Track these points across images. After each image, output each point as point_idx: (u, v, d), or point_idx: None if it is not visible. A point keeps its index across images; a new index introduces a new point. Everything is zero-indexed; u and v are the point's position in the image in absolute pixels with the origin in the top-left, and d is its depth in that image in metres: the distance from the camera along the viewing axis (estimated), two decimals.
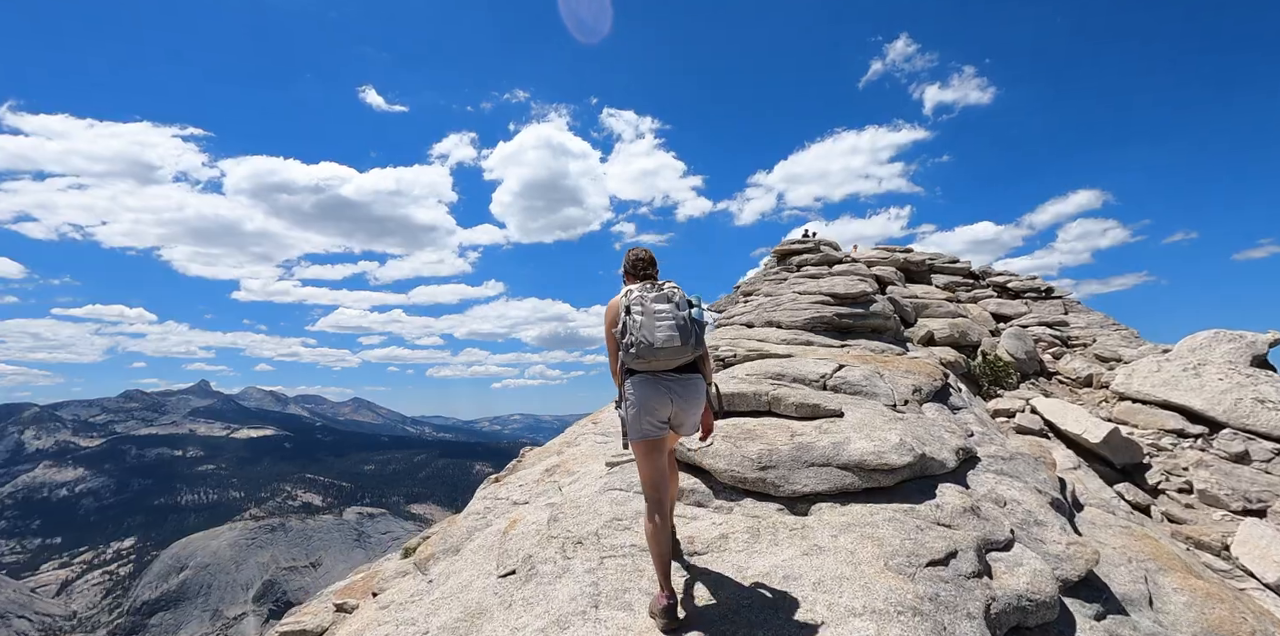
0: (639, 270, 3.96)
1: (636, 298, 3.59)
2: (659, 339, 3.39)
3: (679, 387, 3.59)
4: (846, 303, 13.86)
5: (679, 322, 3.45)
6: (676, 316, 3.48)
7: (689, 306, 3.58)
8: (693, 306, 3.59)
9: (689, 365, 3.66)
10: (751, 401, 6.39)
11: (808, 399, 6.23)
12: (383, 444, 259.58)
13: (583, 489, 5.82)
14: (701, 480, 5.45)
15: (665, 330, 3.42)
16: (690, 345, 3.47)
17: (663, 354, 3.42)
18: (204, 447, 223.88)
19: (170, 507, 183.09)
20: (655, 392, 3.56)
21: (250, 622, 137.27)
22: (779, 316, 13.70)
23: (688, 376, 3.64)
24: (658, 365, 3.49)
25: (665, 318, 3.46)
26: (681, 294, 3.65)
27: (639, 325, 3.47)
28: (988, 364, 13.89)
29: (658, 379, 3.57)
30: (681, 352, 3.45)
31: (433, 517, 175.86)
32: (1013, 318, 19.55)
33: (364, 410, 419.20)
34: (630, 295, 3.63)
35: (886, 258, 22.43)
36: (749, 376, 7.95)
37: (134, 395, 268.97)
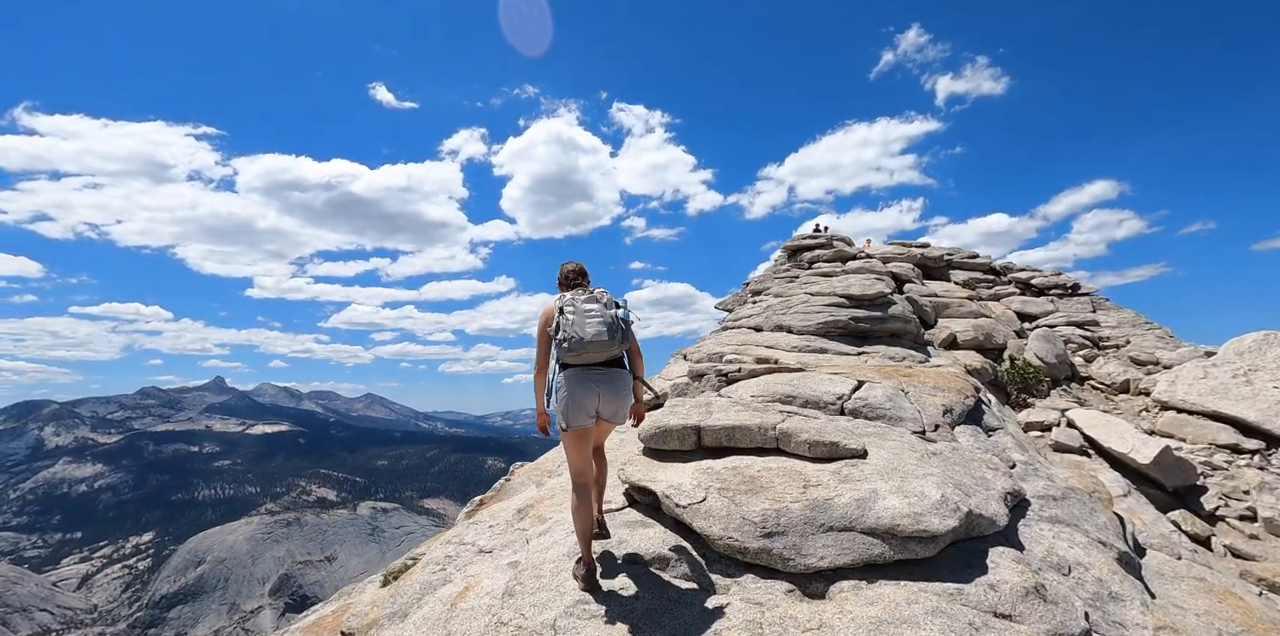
0: (570, 281, 4.40)
1: (568, 300, 4.02)
2: (589, 333, 3.82)
3: (605, 380, 3.99)
4: (863, 304, 12.72)
5: (607, 320, 3.88)
6: (605, 314, 3.91)
7: (615, 307, 4.02)
8: (619, 307, 4.03)
9: (616, 360, 4.05)
10: (756, 436, 5.31)
11: (823, 435, 5.14)
12: (396, 439, 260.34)
13: (551, 546, 4.79)
14: (692, 544, 4.39)
15: (595, 326, 3.84)
16: (617, 340, 3.89)
17: (592, 347, 3.83)
18: (220, 443, 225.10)
19: (187, 503, 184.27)
20: (583, 386, 3.94)
21: (267, 616, 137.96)
22: (789, 320, 12.59)
23: (614, 370, 4.04)
24: (588, 357, 3.90)
25: (594, 315, 3.90)
26: (609, 296, 4.09)
27: (570, 322, 3.88)
28: (1017, 370, 12.72)
29: (586, 373, 3.95)
30: (609, 346, 3.86)
31: (445, 512, 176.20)
32: (1038, 317, 18.31)
33: (377, 406, 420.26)
34: (563, 299, 4.05)
35: (903, 253, 21.20)
36: (755, 400, 6.87)
37: (151, 392, 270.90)
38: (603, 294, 4.11)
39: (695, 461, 5.25)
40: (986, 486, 5.07)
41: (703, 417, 5.66)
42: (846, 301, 12.58)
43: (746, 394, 7.24)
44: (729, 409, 5.94)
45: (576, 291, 4.14)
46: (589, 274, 4.52)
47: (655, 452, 5.58)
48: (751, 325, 13.65)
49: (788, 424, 5.35)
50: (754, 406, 6.12)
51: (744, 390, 7.43)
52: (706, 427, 5.43)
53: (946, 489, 4.50)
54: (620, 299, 4.13)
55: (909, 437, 6.11)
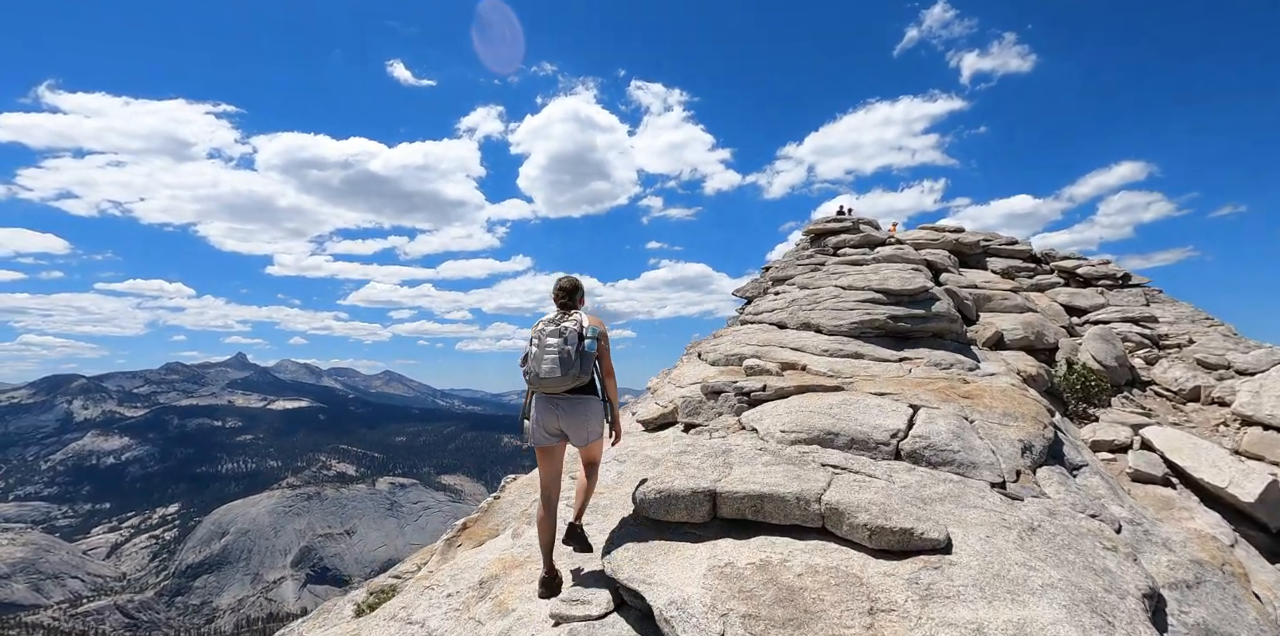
0: (557, 298, 4.38)
1: (539, 331, 4.17)
2: (543, 370, 4.00)
3: (567, 406, 4.13)
4: (902, 301, 11.09)
5: (562, 356, 3.98)
6: (562, 350, 3.99)
7: (578, 340, 4.05)
8: (583, 339, 4.06)
9: (581, 388, 4.13)
10: (793, 510, 3.79)
11: (889, 516, 3.59)
12: (413, 416, 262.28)
13: None
14: None
15: (549, 363, 3.99)
16: (571, 375, 3.97)
17: (546, 383, 4.01)
18: (242, 418, 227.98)
19: (211, 475, 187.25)
20: (546, 410, 4.15)
21: (289, 586, 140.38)
22: (818, 317, 11.01)
23: (578, 397, 4.15)
24: (546, 389, 4.07)
25: (551, 351, 4.01)
26: (573, 328, 4.08)
27: (533, 356, 4.08)
28: (1079, 376, 11.07)
29: (550, 399, 4.14)
30: (562, 382, 3.99)
31: (462, 488, 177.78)
32: (1088, 311, 16.55)
33: (395, 383, 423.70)
34: (537, 328, 4.22)
35: (936, 239, 19.40)
36: (787, 436, 5.36)
37: (175, 367, 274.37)
38: (569, 326, 4.11)
39: (710, 541, 3.78)
40: (1119, 588, 3.55)
41: (720, 475, 4.17)
42: (883, 297, 10.96)
43: (776, 426, 5.74)
44: (754, 459, 4.44)
45: (554, 315, 4.26)
46: (581, 289, 4.44)
47: (657, 524, 4.11)
48: (774, 321, 12.10)
49: (837, 494, 3.83)
50: (786, 455, 4.62)
51: (773, 420, 5.92)
52: (725, 494, 3.94)
53: (1081, 614, 2.99)
54: (589, 330, 4.12)
55: (991, 497, 4.60)
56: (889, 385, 7.35)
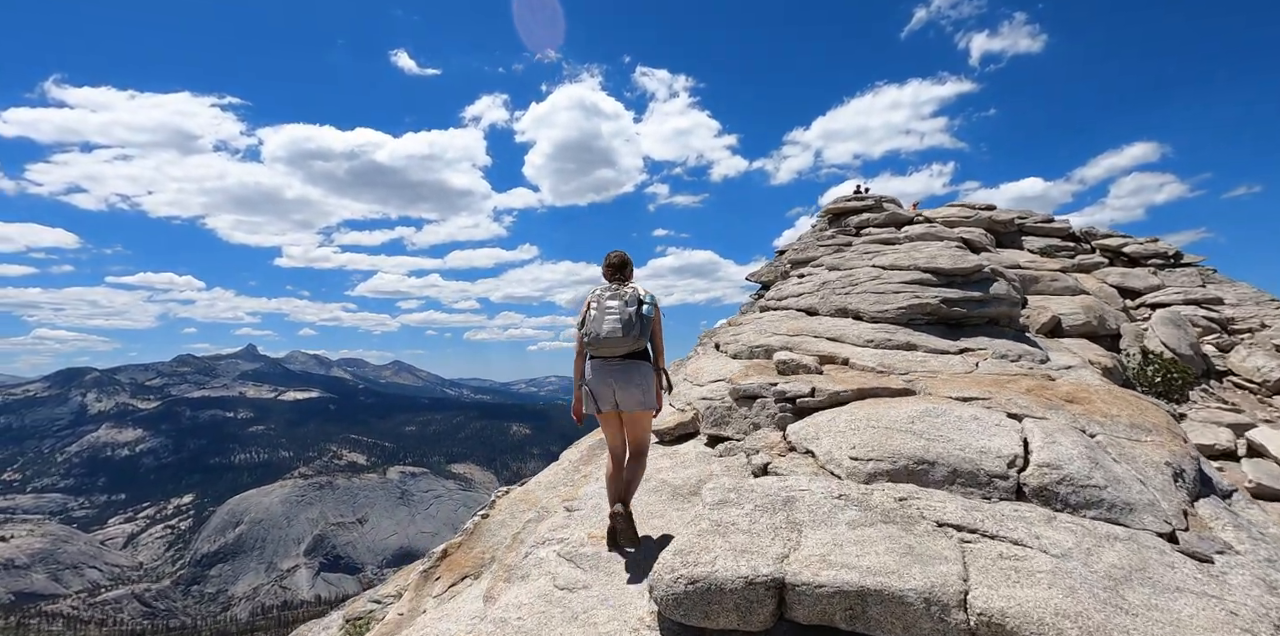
0: (608, 273, 4.48)
1: (596, 296, 4.29)
2: (604, 331, 4.07)
3: (620, 372, 4.14)
4: (954, 282, 9.45)
5: (623, 318, 4.08)
6: (623, 312, 4.10)
7: (638, 304, 4.15)
8: (642, 304, 4.16)
9: (635, 353, 4.17)
10: (921, 620, 2.23)
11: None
12: (423, 405, 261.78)
13: None
14: None
15: (610, 323, 4.08)
16: (631, 336, 4.05)
17: (606, 343, 4.07)
18: (254, 409, 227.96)
19: (224, 466, 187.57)
20: (600, 376, 4.18)
21: (303, 574, 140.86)
22: (857, 302, 9.38)
23: (630, 363, 4.17)
24: (605, 352, 4.12)
25: (613, 313, 4.12)
26: (633, 293, 4.21)
27: (592, 318, 4.17)
28: (1160, 367, 9.42)
29: (606, 364, 4.17)
30: (622, 343, 4.06)
31: (472, 477, 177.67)
32: (1143, 292, 14.86)
33: (404, 373, 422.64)
34: (594, 293, 4.34)
35: (969, 216, 17.69)
36: (860, 466, 3.77)
37: (186, 359, 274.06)
38: (628, 291, 4.22)
39: None
40: None
41: (786, 546, 2.61)
42: (932, 277, 9.32)
43: (842, 449, 4.17)
44: (833, 516, 2.87)
45: (610, 285, 4.34)
46: (630, 264, 4.54)
47: (690, 632, 2.54)
48: (803, 307, 10.50)
49: (990, 591, 2.25)
50: (879, 505, 3.05)
51: (835, 439, 4.35)
52: (802, 586, 2.38)
53: None
54: (647, 296, 4.22)
55: (1183, 567, 3.02)
56: (968, 386, 5.75)
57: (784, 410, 5.34)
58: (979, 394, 5.40)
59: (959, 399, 5.25)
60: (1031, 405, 5.13)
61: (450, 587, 6.64)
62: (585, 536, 4.50)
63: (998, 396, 5.32)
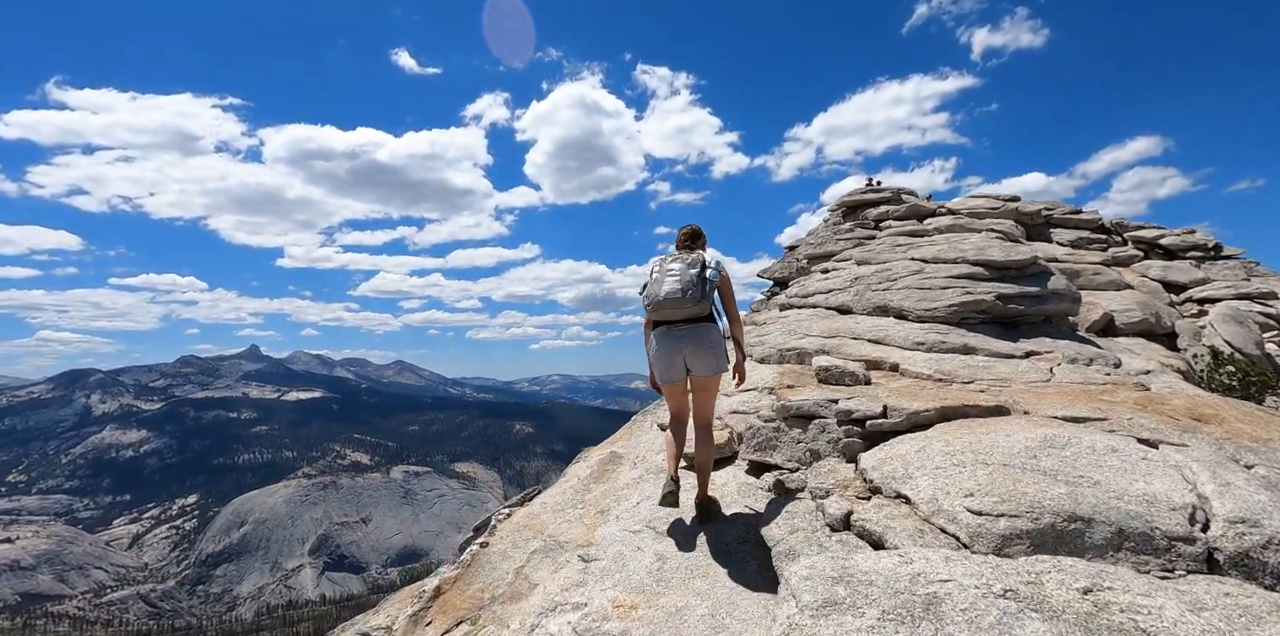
0: (679, 243, 4.43)
1: (660, 260, 4.19)
2: (663, 292, 3.93)
3: (690, 336, 3.98)
4: (1008, 275, 8.38)
5: (683, 279, 3.93)
6: (684, 274, 3.96)
7: (700, 266, 4.00)
8: (705, 267, 4.00)
9: (699, 317, 4.00)
10: None
11: None
12: (426, 405, 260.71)
13: None
14: None
15: (670, 284, 3.93)
16: (691, 298, 3.88)
17: (666, 304, 3.93)
18: (257, 410, 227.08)
19: (228, 467, 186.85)
20: (669, 342, 4.02)
21: (307, 574, 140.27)
22: (899, 299, 8.32)
23: (699, 326, 4.00)
24: (665, 314, 3.99)
25: (673, 275, 3.99)
26: (696, 257, 4.08)
27: (653, 280, 4.06)
28: (1239, 368, 8.36)
29: (671, 330, 4.02)
30: (682, 304, 3.90)
31: (475, 476, 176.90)
32: (1188, 286, 13.78)
33: (407, 372, 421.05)
34: (656, 261, 4.23)
35: (996, 208, 16.60)
36: (986, 524, 2.71)
37: (190, 360, 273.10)
38: (694, 255, 4.11)
39: None
40: None
41: None
42: (984, 271, 8.26)
43: (952, 497, 3.09)
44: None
45: (674, 254, 4.24)
46: (703, 236, 4.47)
47: None
48: (833, 305, 9.44)
49: None
50: (1060, 604, 2.01)
51: (937, 481, 3.28)
52: None
53: None
54: (713, 261, 4.09)
55: None
56: (1067, 400, 4.69)
57: (850, 434, 4.28)
58: (1088, 412, 4.34)
59: (1067, 419, 4.20)
60: (1159, 427, 4.07)
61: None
62: (609, 605, 3.45)
63: (1113, 415, 4.26)
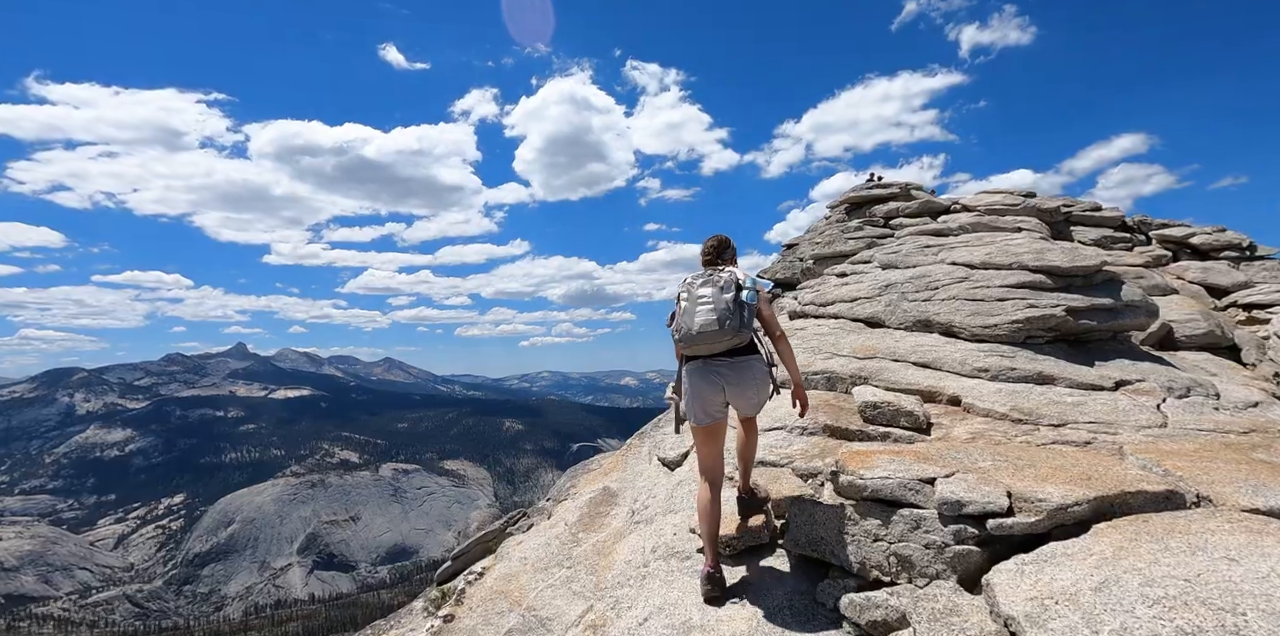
0: (703, 257, 3.83)
1: (686, 284, 3.55)
2: (696, 324, 3.31)
3: (731, 373, 3.44)
4: (1074, 285, 7.00)
5: (719, 307, 3.31)
6: (718, 300, 3.34)
7: (736, 289, 3.39)
8: (741, 289, 3.41)
9: (742, 348, 3.43)
10: None
11: None
12: (415, 402, 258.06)
13: None
14: None
15: (703, 315, 3.32)
16: (731, 330, 3.29)
17: (702, 340, 3.32)
18: (244, 408, 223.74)
19: (215, 465, 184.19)
20: (706, 380, 3.46)
21: (296, 573, 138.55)
22: (945, 312, 6.90)
23: (740, 359, 3.45)
24: (701, 350, 3.40)
25: (705, 302, 3.36)
26: (729, 277, 3.46)
27: (682, 311, 3.44)
28: None
29: (708, 366, 3.46)
30: (720, 337, 3.30)
31: (465, 473, 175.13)
32: (1231, 290, 12.48)
33: (396, 369, 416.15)
34: (684, 282, 3.59)
35: (1015, 205, 15.24)
36: None
37: (175, 358, 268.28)
38: (724, 275, 3.49)
39: None
40: None
41: None
42: (1046, 279, 6.87)
43: None
44: None
45: (702, 272, 3.64)
46: (731, 247, 3.82)
47: None
48: (860, 316, 8.02)
49: None
50: None
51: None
52: None
53: None
54: (746, 279, 3.47)
55: None
56: (1243, 469, 3.29)
57: (962, 538, 2.83)
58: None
59: (1270, 513, 2.80)
60: None
61: None
62: None
63: None
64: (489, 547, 13.00)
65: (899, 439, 4.93)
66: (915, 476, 3.16)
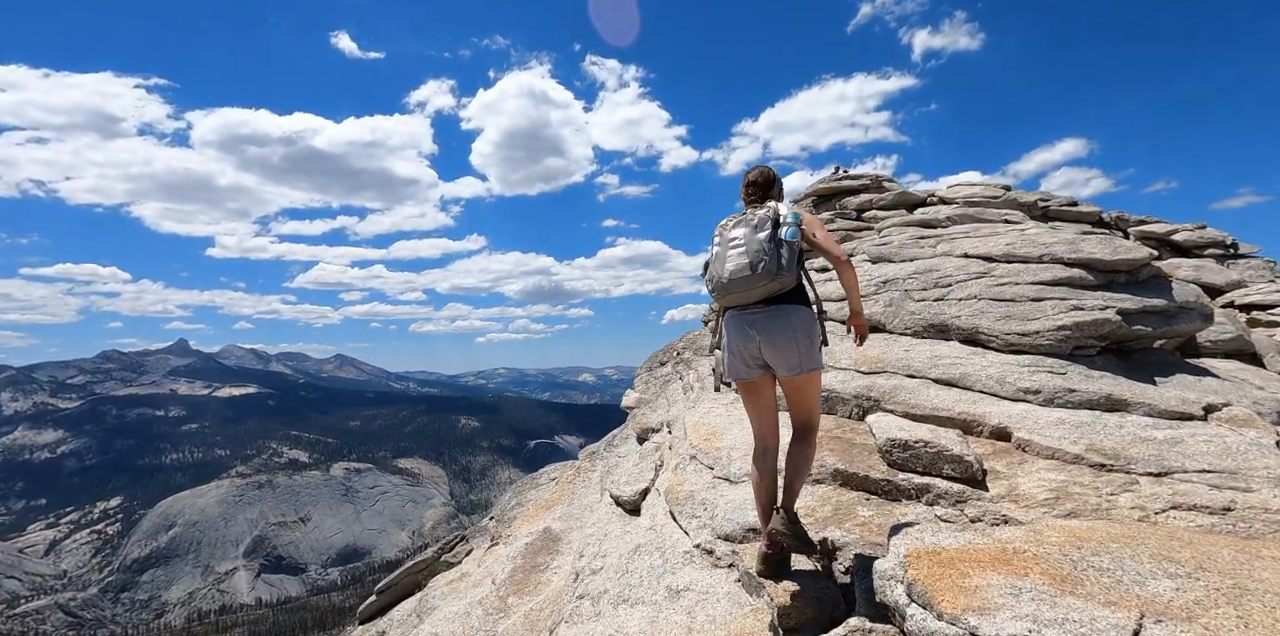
0: (747, 197, 3.18)
1: (720, 228, 3.04)
2: (727, 271, 2.81)
3: (763, 321, 2.85)
4: (1117, 282, 5.71)
5: (752, 249, 2.77)
6: (750, 241, 2.79)
7: (771, 225, 2.80)
8: (779, 225, 2.80)
9: (781, 294, 2.83)
10: None
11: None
12: (367, 400, 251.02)
13: None
14: None
15: (734, 261, 2.81)
16: (765, 273, 2.72)
17: (735, 287, 2.81)
18: (186, 407, 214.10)
19: (155, 467, 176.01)
20: (738, 331, 2.95)
21: (242, 577, 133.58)
22: (968, 314, 5.52)
23: (776, 308, 2.84)
24: (735, 299, 2.88)
25: (737, 245, 2.84)
26: (765, 213, 2.87)
27: (714, 257, 2.96)
28: None
29: (741, 315, 2.93)
30: (754, 282, 2.75)
31: (419, 471, 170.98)
32: (1225, 289, 11.58)
33: (347, 366, 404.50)
34: (719, 226, 3.07)
35: (997, 198, 14.18)
36: None
37: (111, 355, 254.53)
38: (759, 213, 2.88)
39: None
40: None
41: None
42: (1086, 275, 5.55)
43: None
44: None
45: (740, 213, 3.04)
46: (776, 181, 3.16)
47: None
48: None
49: None
50: None
51: None
52: None
53: None
54: (788, 214, 2.81)
55: None
56: None
57: None
58: None
59: None
60: None
61: None
62: None
63: None
64: (418, 581, 11.21)
65: (946, 495, 3.49)
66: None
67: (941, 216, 10.74)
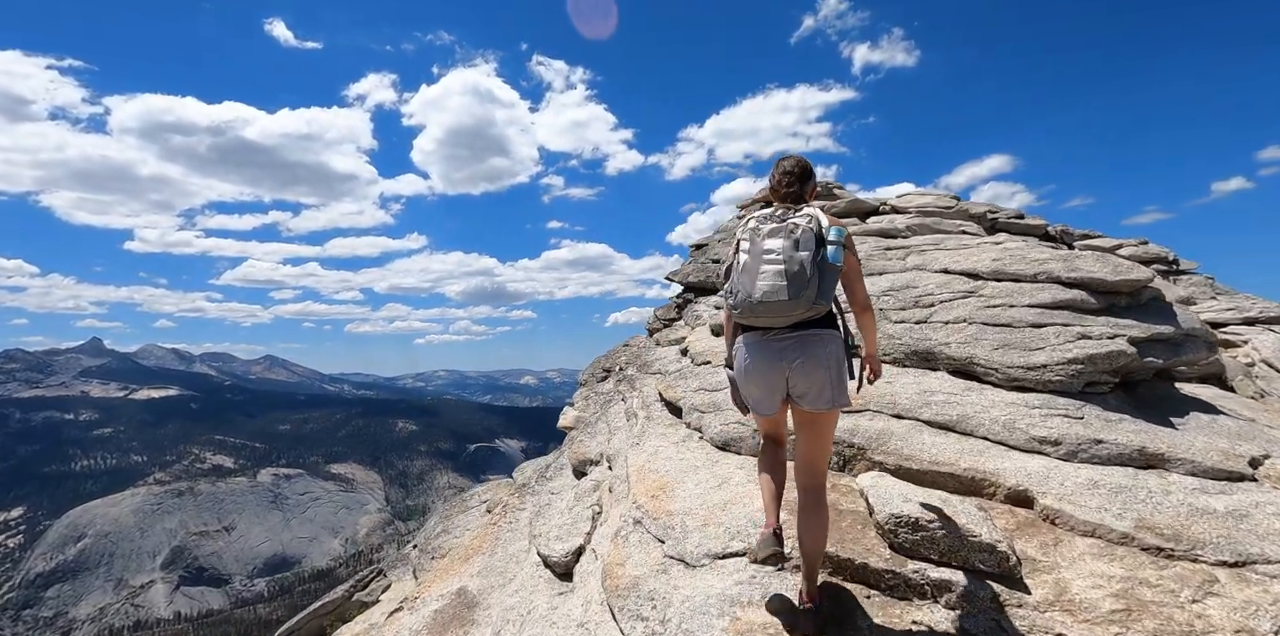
0: (780, 187, 2.66)
1: (749, 229, 2.51)
2: (759, 290, 2.31)
3: (798, 349, 2.40)
4: (1116, 304, 5.04)
5: (792, 268, 2.29)
6: (790, 260, 2.29)
7: (816, 243, 2.33)
8: (824, 245, 2.34)
9: (813, 321, 2.40)
10: None
11: None
12: (299, 402, 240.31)
13: None
14: None
15: (768, 278, 2.31)
16: (805, 299, 2.29)
17: (765, 310, 2.32)
18: (99, 410, 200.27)
19: (63, 475, 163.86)
20: (765, 359, 2.45)
21: (159, 590, 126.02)
22: (957, 342, 4.72)
23: (809, 334, 2.41)
24: (762, 322, 2.41)
25: (774, 260, 2.32)
26: (809, 225, 2.37)
27: (742, 267, 2.43)
28: None
29: (768, 342, 2.44)
30: (789, 310, 2.30)
31: (353, 477, 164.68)
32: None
33: (278, 368, 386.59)
34: (745, 225, 2.55)
35: (948, 208, 13.76)
36: None
37: (14, 354, 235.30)
38: (802, 222, 2.37)
39: None
40: None
41: None
42: (1088, 298, 4.85)
43: None
44: None
45: (775, 210, 2.51)
46: (812, 176, 2.68)
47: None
48: None
49: None
50: None
51: None
52: None
53: None
54: (831, 229, 2.36)
55: None
56: None
57: None
58: None
59: None
60: None
61: None
62: None
63: None
64: (323, 628, 9.92)
65: (974, 599, 2.60)
66: None
67: (900, 226, 10.13)
